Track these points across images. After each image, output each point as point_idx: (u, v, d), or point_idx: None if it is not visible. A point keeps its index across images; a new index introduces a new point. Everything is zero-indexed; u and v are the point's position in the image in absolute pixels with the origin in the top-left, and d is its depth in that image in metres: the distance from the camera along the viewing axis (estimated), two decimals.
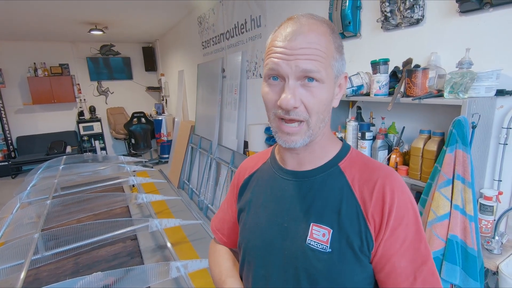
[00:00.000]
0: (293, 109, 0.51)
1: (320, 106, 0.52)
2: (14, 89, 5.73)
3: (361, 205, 0.53)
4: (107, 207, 3.24)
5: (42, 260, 2.16)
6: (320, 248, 0.54)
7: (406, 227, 0.51)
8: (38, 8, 3.62)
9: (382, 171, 0.55)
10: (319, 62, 0.50)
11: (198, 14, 4.03)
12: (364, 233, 0.52)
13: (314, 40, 0.50)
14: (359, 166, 0.58)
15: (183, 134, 4.70)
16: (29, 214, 2.86)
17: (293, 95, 0.50)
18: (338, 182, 0.56)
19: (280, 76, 0.52)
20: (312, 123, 0.53)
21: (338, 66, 0.54)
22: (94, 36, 5.37)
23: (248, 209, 0.67)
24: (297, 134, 0.53)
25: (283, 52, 0.51)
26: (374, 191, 0.53)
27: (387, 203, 0.51)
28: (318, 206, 0.56)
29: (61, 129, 6.25)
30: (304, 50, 0.50)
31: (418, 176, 1.28)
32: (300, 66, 0.49)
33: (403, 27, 1.47)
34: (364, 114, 1.70)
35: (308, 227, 0.56)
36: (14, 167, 5.60)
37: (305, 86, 0.51)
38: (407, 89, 1.27)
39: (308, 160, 0.60)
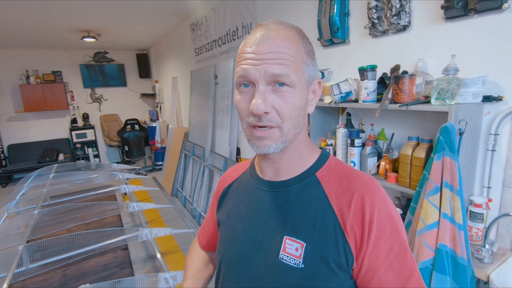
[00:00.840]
0: (264, 114, 0.50)
1: (293, 111, 0.51)
2: (5, 97, 5.67)
3: (339, 216, 0.50)
4: (98, 216, 3.17)
5: (27, 273, 2.09)
6: (293, 263, 0.51)
7: (390, 237, 0.48)
8: (30, 16, 3.60)
9: (361, 180, 0.53)
10: (288, 66, 0.49)
11: (191, 21, 4.03)
12: (342, 247, 0.49)
13: (282, 44, 0.49)
14: (337, 175, 0.55)
15: (176, 141, 4.67)
16: (16, 225, 2.78)
17: (264, 99, 0.49)
18: (314, 193, 0.54)
19: (251, 82, 0.50)
20: (285, 128, 0.51)
21: (310, 71, 0.53)
22: (87, 44, 5.35)
23: (225, 221, 0.65)
24: (269, 139, 0.51)
25: (251, 58, 0.49)
26: (352, 202, 0.50)
27: (367, 213, 0.49)
28: (293, 218, 0.54)
29: (54, 136, 6.18)
30: (272, 54, 0.48)
31: (408, 184, 1.26)
32: (268, 70, 0.48)
33: (390, 33, 1.47)
34: (354, 120, 1.68)
35: (281, 241, 0.53)
36: (5, 175, 5.51)
37: (276, 92, 0.50)
38: (395, 96, 1.26)
39: (285, 169, 0.57)
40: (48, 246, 2.42)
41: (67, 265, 2.76)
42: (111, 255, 3.04)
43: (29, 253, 2.18)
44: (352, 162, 1.49)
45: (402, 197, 1.50)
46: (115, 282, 1.82)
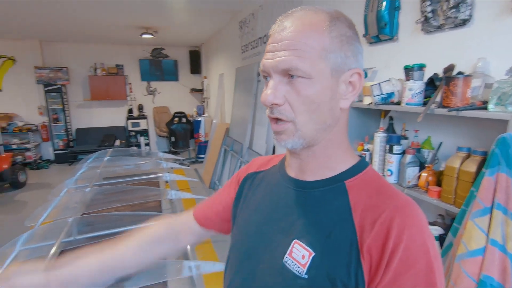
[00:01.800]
0: (274, 106, 0.47)
1: (308, 104, 0.46)
2: (76, 86, 6.42)
3: (358, 233, 0.44)
4: (141, 200, 3.41)
5: (73, 243, 2.33)
6: (295, 270, 0.46)
7: (416, 276, 0.40)
8: (101, 14, 4.01)
9: (397, 200, 0.45)
10: (299, 58, 0.44)
11: (240, 19, 4.10)
12: (354, 269, 0.42)
13: (299, 32, 0.45)
14: (370, 189, 0.48)
15: (218, 136, 4.80)
16: (73, 199, 3.14)
17: (274, 90, 0.46)
18: (337, 201, 0.48)
19: (268, 74, 0.48)
20: (299, 123, 0.46)
21: (337, 59, 0.46)
22: (146, 40, 5.79)
23: (244, 208, 0.62)
24: (283, 133, 0.48)
25: (269, 50, 0.47)
26: (377, 221, 0.43)
27: (392, 239, 0.41)
28: (307, 222, 0.49)
29: (113, 123, 6.84)
30: (284, 45, 0.45)
31: (452, 200, 1.10)
32: (278, 65, 0.45)
33: (446, 29, 1.30)
34: (397, 125, 1.53)
35: (290, 243, 0.48)
36: (71, 155, 6.26)
37: (290, 83, 0.46)
38: (444, 99, 1.11)
39: (311, 168, 0.52)
40: (96, 222, 2.67)
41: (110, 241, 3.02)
42: None
43: (78, 226, 2.43)
44: (389, 170, 1.35)
45: (447, 216, 1.32)
46: None
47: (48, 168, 6.00)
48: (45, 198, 4.17)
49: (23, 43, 5.79)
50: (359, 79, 0.50)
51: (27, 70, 5.88)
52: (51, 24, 4.55)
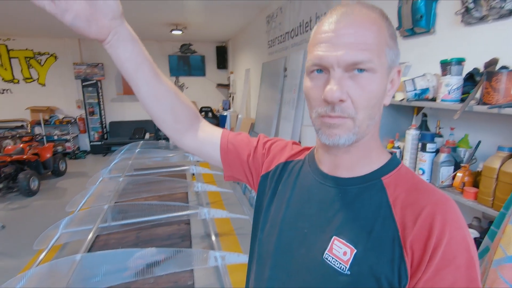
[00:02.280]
0: (339, 102, 0.44)
1: (370, 100, 0.45)
2: (111, 81, 6.76)
3: (400, 230, 0.44)
4: (169, 191, 3.57)
5: (108, 229, 2.50)
6: (337, 267, 0.46)
7: (456, 270, 0.41)
8: (130, 11, 4.18)
9: (435, 196, 0.45)
10: (370, 51, 0.43)
11: (267, 14, 4.08)
12: (397, 265, 0.43)
13: (364, 23, 0.44)
14: (407, 185, 0.48)
15: (243, 131, 4.86)
16: (107, 188, 3.34)
17: (340, 86, 0.43)
18: (376, 198, 0.48)
19: (325, 67, 0.45)
20: (358, 119, 0.45)
21: (392, 56, 0.47)
22: (175, 36, 5.95)
23: (273, 201, 0.61)
24: (340, 127, 0.46)
25: (328, 39, 0.44)
26: (419, 217, 0.43)
27: (434, 235, 0.41)
28: (346, 219, 0.49)
29: (143, 117, 7.12)
30: (352, 36, 0.43)
31: (490, 203, 1.04)
32: (347, 58, 0.43)
33: (489, 20, 1.21)
34: (430, 122, 1.47)
35: (329, 240, 0.49)
36: (105, 147, 6.64)
37: (353, 78, 0.44)
38: (485, 95, 1.04)
39: (346, 165, 0.52)
40: (128, 210, 2.83)
41: (140, 228, 3.19)
42: (175, 227, 3.39)
43: (112, 213, 2.60)
44: (421, 169, 1.30)
45: (483, 219, 1.25)
46: (175, 251, 2.02)
47: (84, 158, 6.41)
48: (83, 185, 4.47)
49: (64, 41, 6.18)
50: (399, 77, 0.50)
51: (66, 66, 6.29)
52: None
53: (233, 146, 0.68)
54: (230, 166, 0.69)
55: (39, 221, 3.43)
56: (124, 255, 1.83)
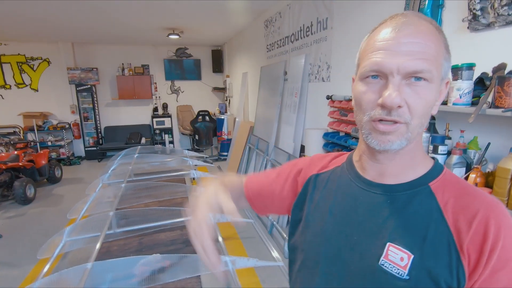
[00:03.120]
0: (397, 108, 0.45)
1: (425, 108, 0.47)
2: (105, 86, 6.69)
3: (454, 234, 0.45)
4: (169, 196, 3.54)
5: (113, 236, 2.46)
6: (396, 273, 0.47)
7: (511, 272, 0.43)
8: (129, 18, 4.16)
9: (486, 200, 0.47)
10: (429, 61, 0.45)
11: (265, 18, 4.12)
12: (455, 268, 0.44)
13: (426, 34, 0.45)
14: (455, 190, 0.49)
15: (242, 134, 4.86)
16: (108, 194, 3.30)
17: (399, 92, 0.45)
18: (426, 204, 0.49)
19: (382, 74, 0.46)
20: (412, 126, 0.47)
21: (446, 68, 0.48)
22: (171, 40, 5.94)
23: (313, 212, 0.62)
24: (393, 134, 0.47)
25: (388, 48, 0.46)
26: (474, 222, 0.45)
27: (490, 239, 0.43)
28: (398, 226, 0.49)
29: (139, 122, 7.07)
30: (413, 45, 0.44)
31: (505, 203, 1.08)
32: (408, 66, 0.44)
33: (496, 27, 1.26)
34: (438, 125, 1.51)
35: (383, 246, 0.49)
36: (100, 152, 6.54)
37: (411, 85, 0.46)
38: (497, 99, 1.09)
39: (392, 172, 0.53)
40: (130, 216, 2.80)
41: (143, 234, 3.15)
42: (178, 232, 3.36)
43: (117, 219, 2.56)
44: None
45: None
46: (181, 256, 2.01)
47: (80, 164, 6.31)
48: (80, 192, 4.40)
49: (57, 45, 6.09)
50: (446, 88, 0.52)
51: (60, 71, 6.19)
52: (83, 27, 4.77)
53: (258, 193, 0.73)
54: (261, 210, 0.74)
55: (37, 230, 3.36)
56: (135, 262, 1.81)
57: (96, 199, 3.19)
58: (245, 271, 2.50)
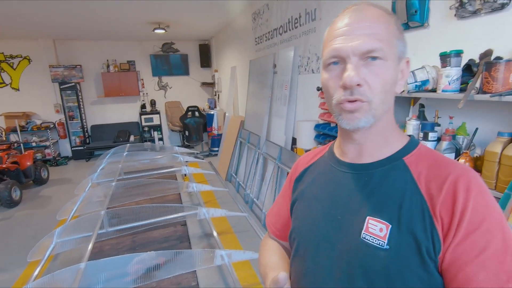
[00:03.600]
0: (357, 87, 0.49)
1: (384, 85, 0.50)
2: (90, 83, 6.51)
3: (427, 201, 0.48)
4: (161, 193, 3.50)
5: (106, 235, 2.43)
6: (376, 243, 0.49)
7: (487, 233, 0.44)
8: (112, 12, 4.04)
9: (457, 167, 0.49)
10: (381, 40, 0.49)
11: (253, 10, 4.08)
12: (430, 232, 0.46)
13: (374, 17, 0.50)
14: (428, 162, 0.52)
15: (232, 129, 4.84)
16: (97, 193, 3.23)
17: (356, 72, 0.49)
18: (401, 177, 0.52)
19: (341, 58, 0.51)
20: (374, 103, 0.50)
21: (401, 47, 0.53)
22: (157, 35, 5.81)
23: (301, 201, 0.66)
24: (359, 111, 0.51)
25: (343, 34, 0.50)
26: (444, 186, 0.47)
27: (460, 201, 0.45)
28: (376, 199, 0.52)
29: (126, 119, 6.93)
30: (364, 28, 0.49)
31: (493, 185, 1.12)
32: (361, 47, 0.48)
33: (482, 13, 1.29)
34: (428, 113, 1.53)
35: (363, 220, 0.52)
36: (88, 151, 6.40)
37: (368, 65, 0.50)
38: (485, 85, 1.11)
39: (369, 151, 0.56)
40: (122, 214, 2.76)
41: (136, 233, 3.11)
42: (172, 228, 3.34)
43: (108, 218, 2.52)
44: None
45: None
46: (176, 252, 2.00)
47: (67, 164, 6.15)
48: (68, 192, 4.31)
49: (37, 42, 5.87)
50: (408, 67, 0.56)
51: (42, 69, 5.98)
52: (64, 23, 4.60)
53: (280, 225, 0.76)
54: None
55: (26, 233, 3.27)
56: (129, 260, 1.79)
57: (86, 199, 3.12)
58: (241, 264, 2.51)
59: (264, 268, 0.70)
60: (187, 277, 2.47)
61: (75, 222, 2.48)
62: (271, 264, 0.70)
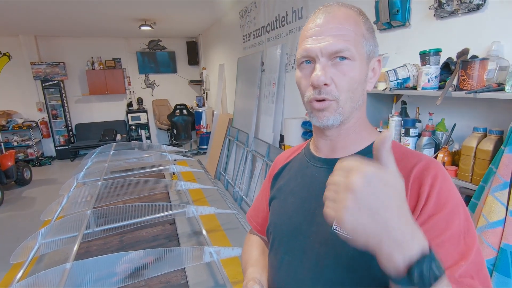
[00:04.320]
0: (324, 86, 0.52)
1: (351, 84, 0.52)
2: (74, 81, 6.35)
3: None
4: (149, 192, 3.46)
5: (92, 235, 2.39)
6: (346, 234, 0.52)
7: (448, 216, 0.46)
8: (96, 7, 3.95)
9: (423, 157, 0.52)
10: (347, 41, 0.51)
11: (240, 8, 4.07)
12: None
13: (342, 18, 0.52)
14: (397, 155, 0.54)
15: (221, 127, 4.83)
16: (83, 193, 3.17)
17: (324, 71, 0.51)
18: None
19: (311, 58, 0.53)
20: (341, 100, 0.53)
21: (370, 47, 0.55)
22: (143, 32, 5.72)
23: (278, 196, 0.68)
24: (327, 110, 0.53)
25: (313, 35, 0.52)
26: (411, 174, 0.50)
27: (426, 186, 0.48)
28: None
29: (113, 118, 6.80)
30: (332, 30, 0.51)
31: (469, 178, 1.17)
32: (329, 47, 0.51)
33: (459, 14, 1.34)
34: (410, 109, 1.59)
35: None
36: (73, 151, 6.25)
37: (336, 65, 0.52)
38: (461, 82, 1.16)
39: (342, 147, 0.58)
40: (109, 214, 2.72)
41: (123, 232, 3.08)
42: (160, 227, 3.32)
43: (95, 218, 2.48)
44: None
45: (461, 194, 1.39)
46: (165, 250, 1.99)
47: (50, 164, 5.99)
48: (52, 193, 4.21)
49: (17, 38, 5.68)
50: (379, 66, 0.58)
51: (23, 66, 5.80)
52: (46, 18, 4.47)
53: (261, 220, 0.78)
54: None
55: (8, 235, 3.18)
56: (116, 259, 1.77)
57: (71, 198, 3.06)
58: (230, 261, 2.52)
59: (245, 263, 0.73)
60: (176, 275, 2.47)
61: (60, 222, 2.43)
62: (251, 259, 0.72)
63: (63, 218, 2.53)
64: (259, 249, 0.76)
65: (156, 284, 2.36)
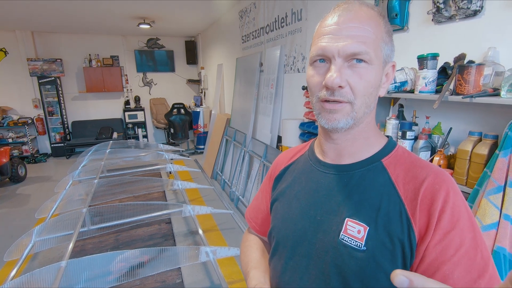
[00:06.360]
0: (338, 88, 0.49)
1: (367, 88, 0.50)
2: (71, 78, 6.31)
3: (405, 203, 0.49)
4: (145, 191, 3.45)
5: (88, 233, 2.38)
6: (354, 245, 0.50)
7: (461, 232, 0.45)
8: (95, 4, 3.93)
9: (433, 169, 0.50)
10: (367, 43, 0.48)
11: (240, 8, 4.08)
12: (407, 234, 0.47)
13: (364, 18, 0.49)
14: (405, 164, 0.53)
15: (219, 126, 4.83)
16: (79, 191, 3.15)
17: (339, 73, 0.49)
18: (379, 179, 0.53)
19: (327, 57, 0.50)
20: (356, 105, 0.50)
21: (387, 51, 0.52)
22: (142, 30, 5.70)
23: (281, 200, 0.66)
24: (339, 112, 0.51)
25: (331, 32, 0.50)
26: (421, 189, 0.48)
27: (439, 202, 0.46)
28: (355, 201, 0.53)
29: (109, 116, 6.76)
30: (352, 29, 0.49)
31: (464, 181, 1.18)
32: (347, 49, 0.48)
33: (457, 19, 1.36)
34: (407, 113, 1.60)
35: (342, 222, 0.53)
36: (68, 148, 6.20)
37: (352, 67, 0.49)
38: (458, 87, 1.18)
39: (349, 152, 0.56)
40: (105, 212, 2.71)
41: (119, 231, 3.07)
42: (156, 226, 3.31)
43: (90, 216, 2.47)
44: None
45: None
46: (161, 250, 1.99)
47: (46, 161, 5.94)
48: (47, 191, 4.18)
49: (14, 34, 5.63)
50: (393, 71, 0.56)
51: (19, 62, 5.75)
52: (43, 14, 4.44)
53: (260, 220, 0.77)
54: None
55: (2, 232, 3.15)
56: (112, 258, 1.76)
57: (66, 196, 3.04)
58: (226, 261, 2.52)
59: (246, 265, 0.71)
60: (171, 274, 2.47)
61: (55, 220, 2.41)
62: (252, 260, 0.71)
63: (58, 216, 2.51)
64: (259, 250, 0.74)
65: (152, 283, 2.36)
